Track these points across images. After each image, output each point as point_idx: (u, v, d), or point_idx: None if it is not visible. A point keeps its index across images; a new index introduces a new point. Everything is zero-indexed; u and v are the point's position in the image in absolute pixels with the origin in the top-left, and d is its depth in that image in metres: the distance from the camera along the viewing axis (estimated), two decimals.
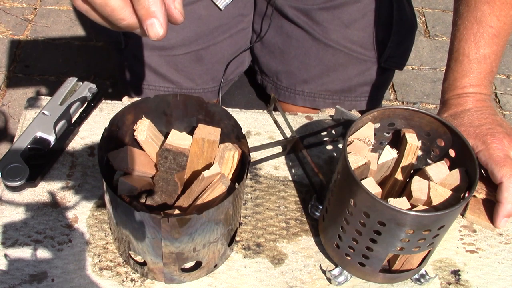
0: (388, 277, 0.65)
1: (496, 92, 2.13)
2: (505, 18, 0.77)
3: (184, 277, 0.63)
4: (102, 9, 0.47)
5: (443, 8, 2.49)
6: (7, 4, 2.29)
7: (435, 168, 0.63)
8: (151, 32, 0.46)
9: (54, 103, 0.78)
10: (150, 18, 0.46)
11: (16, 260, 0.64)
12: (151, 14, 0.46)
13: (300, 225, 0.71)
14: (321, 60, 1.02)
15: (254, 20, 1.05)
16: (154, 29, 0.46)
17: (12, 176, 0.69)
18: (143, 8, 0.46)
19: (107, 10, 0.47)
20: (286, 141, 0.79)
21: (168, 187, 0.63)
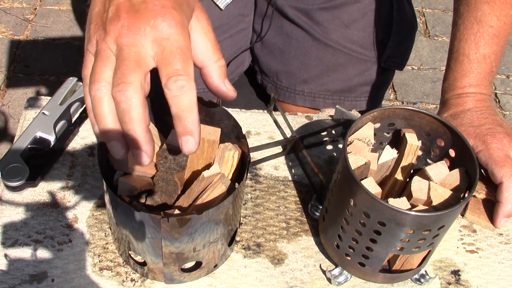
0: (388, 277, 0.65)
1: (496, 92, 2.13)
2: (505, 18, 0.77)
3: (184, 277, 0.63)
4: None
5: (443, 8, 2.49)
6: (7, 4, 2.29)
7: (435, 168, 0.63)
8: (186, 148, 0.49)
9: (54, 103, 0.78)
10: (187, 135, 0.49)
11: (16, 260, 0.64)
12: (189, 132, 0.49)
13: (300, 225, 0.71)
14: (321, 60, 1.02)
15: (254, 20, 1.05)
16: (189, 145, 0.49)
17: (12, 176, 0.69)
18: (182, 126, 0.49)
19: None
20: (286, 141, 0.79)
21: (168, 187, 0.63)
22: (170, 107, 0.48)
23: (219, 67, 0.54)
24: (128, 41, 0.48)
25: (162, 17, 0.48)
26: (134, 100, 0.47)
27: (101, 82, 0.48)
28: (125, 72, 0.47)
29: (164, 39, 0.48)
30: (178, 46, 0.49)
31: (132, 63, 0.48)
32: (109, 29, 0.49)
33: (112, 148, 0.49)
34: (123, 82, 0.47)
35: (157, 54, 0.49)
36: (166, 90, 0.48)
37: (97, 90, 0.48)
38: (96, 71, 0.49)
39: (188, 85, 0.48)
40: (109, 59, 0.49)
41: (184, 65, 0.48)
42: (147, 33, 0.48)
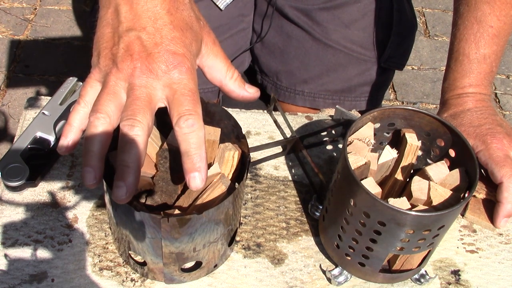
0: (388, 277, 0.65)
1: (496, 92, 2.13)
2: (505, 18, 0.77)
3: (184, 277, 0.63)
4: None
5: (443, 8, 2.49)
6: (7, 4, 2.29)
7: (435, 168, 0.63)
8: (193, 184, 0.51)
9: (54, 103, 0.78)
10: (194, 172, 0.51)
11: (16, 260, 0.64)
12: (196, 169, 0.51)
13: (300, 225, 0.71)
14: (321, 60, 1.02)
15: (254, 20, 1.05)
16: (197, 182, 0.51)
17: (12, 176, 0.69)
18: (191, 162, 0.51)
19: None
20: (286, 141, 0.79)
21: (168, 187, 0.63)
22: (180, 144, 0.51)
23: (236, 80, 0.58)
24: (140, 83, 0.51)
25: (174, 65, 0.52)
26: (139, 137, 0.50)
27: (103, 113, 0.51)
28: (135, 110, 0.50)
29: (176, 84, 0.52)
30: (188, 89, 0.52)
31: (143, 103, 0.51)
32: (121, 67, 0.52)
33: (86, 174, 0.51)
34: (133, 118, 0.50)
35: (168, 97, 0.52)
36: (177, 128, 0.51)
37: (97, 119, 0.51)
38: (101, 102, 0.51)
39: (198, 124, 0.51)
40: (116, 95, 0.52)
41: (194, 105, 0.51)
42: (160, 77, 0.52)
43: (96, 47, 0.55)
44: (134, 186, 0.50)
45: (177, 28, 0.53)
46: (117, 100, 0.52)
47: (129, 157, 0.50)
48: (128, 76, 0.51)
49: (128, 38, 0.52)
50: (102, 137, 0.51)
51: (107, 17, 0.54)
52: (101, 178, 0.52)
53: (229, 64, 0.58)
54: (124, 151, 0.50)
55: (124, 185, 0.49)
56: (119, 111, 0.52)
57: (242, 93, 0.58)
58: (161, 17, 0.53)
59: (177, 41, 0.53)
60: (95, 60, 0.54)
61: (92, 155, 0.51)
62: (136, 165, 0.50)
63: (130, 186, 0.50)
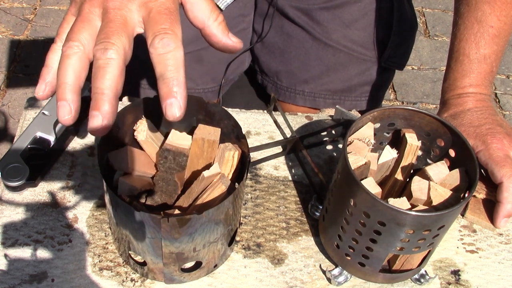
0: (388, 277, 0.65)
1: (496, 92, 2.13)
2: (506, 18, 0.77)
3: (184, 277, 0.63)
4: None
5: (443, 8, 2.49)
6: (7, 4, 2.29)
7: (435, 168, 0.63)
8: (169, 112, 0.45)
9: (54, 103, 0.78)
10: (171, 98, 0.45)
11: (16, 260, 0.64)
12: (173, 95, 0.45)
13: (300, 225, 0.71)
14: (321, 60, 1.02)
15: (254, 20, 1.05)
16: (173, 110, 0.45)
17: (12, 176, 0.69)
18: (166, 86, 0.45)
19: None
20: (286, 141, 0.79)
21: (168, 187, 0.63)
22: (154, 67, 0.46)
23: (220, 24, 0.52)
24: (114, 5, 0.48)
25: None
26: (113, 61, 0.45)
27: (75, 41, 0.47)
28: (109, 33, 0.46)
29: (151, 2, 0.48)
30: (165, 7, 0.48)
31: (118, 25, 0.47)
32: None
33: (61, 108, 0.46)
34: (106, 41, 0.46)
35: (144, 17, 0.48)
36: (152, 49, 0.46)
37: (69, 48, 0.47)
38: (74, 31, 0.47)
39: (175, 43, 0.46)
40: (90, 22, 0.48)
41: (171, 24, 0.47)
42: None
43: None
44: (111, 115, 0.45)
45: None
46: (91, 28, 0.48)
47: (103, 83, 0.45)
48: (102, 1, 0.48)
49: None
50: (76, 67, 0.47)
51: None
52: (77, 112, 0.47)
53: (214, 6, 0.52)
54: (97, 77, 0.45)
55: (100, 114, 0.45)
56: (94, 39, 0.48)
57: (225, 40, 0.52)
58: None
59: None
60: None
61: (66, 88, 0.46)
62: (111, 92, 0.45)
63: (106, 115, 0.45)
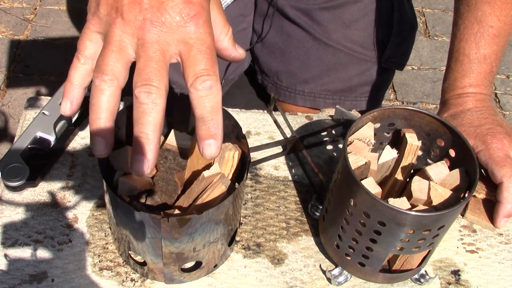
0: (388, 277, 0.65)
1: (496, 92, 2.13)
2: (506, 18, 0.77)
3: (184, 277, 0.63)
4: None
5: (443, 8, 2.49)
6: (7, 4, 2.29)
7: (435, 168, 0.63)
8: (207, 152, 0.47)
9: (54, 103, 0.78)
10: (210, 139, 0.47)
11: (16, 260, 0.64)
12: (212, 136, 0.47)
13: (300, 225, 0.71)
14: (321, 60, 1.02)
15: (254, 20, 1.05)
16: (212, 150, 0.47)
17: (12, 176, 0.69)
18: (206, 128, 0.46)
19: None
20: (286, 141, 0.79)
21: (168, 187, 0.63)
22: (194, 108, 0.46)
23: (230, 38, 0.53)
24: (152, 38, 0.46)
25: (190, 16, 0.46)
26: (157, 106, 0.45)
27: (108, 74, 0.46)
28: (151, 73, 0.45)
29: (192, 38, 0.46)
30: (206, 46, 0.47)
31: (159, 64, 0.46)
32: (128, 18, 0.46)
33: (96, 144, 0.47)
34: (149, 84, 0.45)
35: (183, 53, 0.46)
36: (193, 90, 0.46)
37: (103, 82, 0.46)
38: (106, 62, 0.46)
39: (216, 86, 0.46)
40: (122, 52, 0.46)
41: (212, 65, 0.47)
42: (174, 31, 0.46)
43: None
44: (156, 158, 0.46)
45: None
46: (124, 58, 0.46)
47: (147, 128, 0.45)
48: (136, 29, 0.45)
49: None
50: (111, 103, 0.46)
51: None
52: (112, 146, 0.47)
53: (226, 19, 0.52)
54: (142, 123, 0.45)
55: (145, 159, 0.45)
56: (127, 70, 0.47)
57: (234, 53, 0.54)
58: None
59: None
60: (93, 6, 0.48)
61: (101, 124, 0.46)
62: (156, 136, 0.45)
63: (151, 160, 0.45)
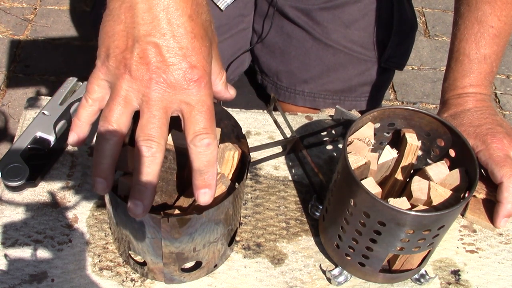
0: (388, 277, 0.65)
1: (496, 92, 2.13)
2: (506, 18, 0.77)
3: (184, 277, 0.63)
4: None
5: (443, 8, 2.49)
6: (7, 4, 2.29)
7: (435, 168, 0.63)
8: (202, 200, 0.53)
9: (54, 103, 0.78)
10: (205, 188, 0.53)
11: (16, 260, 0.64)
12: (207, 186, 0.53)
13: (300, 225, 0.71)
14: (321, 60, 1.02)
15: (254, 20, 1.05)
16: (206, 198, 0.53)
17: (12, 176, 0.69)
18: (202, 180, 0.52)
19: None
20: (286, 141, 0.79)
21: (168, 187, 0.63)
22: (192, 161, 0.52)
23: (223, 82, 0.58)
24: (156, 97, 0.50)
25: (193, 80, 0.50)
26: (156, 159, 0.50)
27: (113, 125, 0.51)
28: (153, 130, 0.50)
29: (193, 100, 0.51)
30: (206, 107, 0.51)
31: (160, 121, 0.50)
32: (135, 75, 0.49)
33: (98, 184, 0.52)
34: (151, 140, 0.50)
35: (185, 112, 0.51)
36: (192, 146, 0.51)
37: (108, 131, 0.51)
38: (113, 113, 0.51)
39: (213, 143, 0.51)
40: (128, 104, 0.50)
41: (210, 124, 0.51)
42: (177, 92, 0.50)
43: (105, 42, 0.51)
44: (151, 204, 0.51)
45: (197, 37, 0.50)
46: (129, 110, 0.51)
47: (146, 178, 0.50)
48: (142, 86, 0.49)
49: (145, 44, 0.49)
50: (113, 150, 0.51)
51: (120, 12, 0.50)
52: (111, 186, 0.53)
53: (221, 65, 0.57)
54: (141, 173, 0.50)
55: (142, 204, 0.51)
56: (130, 120, 0.52)
57: (226, 95, 0.59)
58: (182, 24, 0.50)
59: (197, 52, 0.50)
60: (103, 56, 0.51)
61: (103, 168, 0.51)
62: (153, 186, 0.51)
63: (147, 205, 0.51)
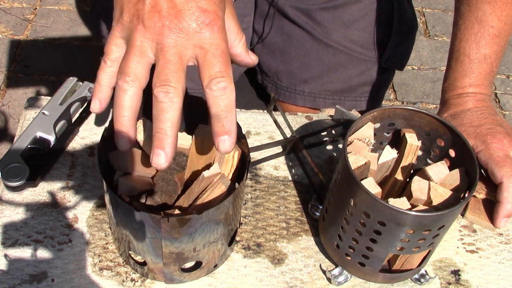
0: (388, 277, 0.65)
1: (496, 92, 2.13)
2: (506, 18, 0.77)
3: (184, 277, 0.63)
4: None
5: (443, 8, 2.49)
6: (7, 4, 2.29)
7: (435, 168, 0.63)
8: (222, 147, 0.51)
9: (54, 103, 0.78)
10: (224, 135, 0.50)
11: (16, 260, 0.64)
12: (227, 132, 0.50)
13: (300, 225, 0.71)
14: (321, 60, 1.02)
15: (254, 20, 1.05)
16: (226, 145, 0.51)
17: (12, 176, 0.69)
18: (221, 125, 0.50)
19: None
20: (286, 141, 0.79)
21: (168, 187, 0.63)
22: (209, 106, 0.50)
23: (243, 45, 0.56)
24: (170, 43, 0.49)
25: (206, 23, 0.49)
26: (174, 104, 0.49)
27: (131, 76, 0.50)
28: (169, 75, 0.49)
29: (207, 44, 0.50)
30: (220, 50, 0.50)
31: (176, 66, 0.49)
32: (148, 25, 0.49)
33: (120, 140, 0.51)
34: (168, 84, 0.49)
35: (200, 57, 0.50)
36: (208, 90, 0.49)
37: (125, 83, 0.50)
38: (129, 64, 0.50)
39: (230, 87, 0.50)
40: (143, 55, 0.50)
41: (225, 67, 0.50)
42: (190, 36, 0.49)
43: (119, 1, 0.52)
44: (173, 153, 0.50)
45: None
46: (145, 61, 0.50)
47: (166, 124, 0.49)
48: (156, 34, 0.49)
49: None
50: (133, 101, 0.50)
51: None
52: (134, 141, 0.52)
53: (239, 27, 0.56)
54: (160, 120, 0.49)
55: (164, 153, 0.49)
56: (147, 72, 0.51)
57: (247, 59, 0.57)
58: None
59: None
60: (117, 14, 0.52)
61: (123, 121, 0.51)
62: (174, 132, 0.49)
63: (169, 154, 0.50)
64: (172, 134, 0.49)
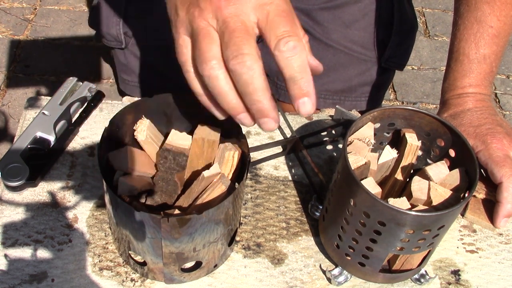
0: (388, 277, 0.65)
1: (496, 92, 2.13)
2: (505, 19, 0.77)
3: (184, 277, 0.63)
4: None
5: (443, 8, 2.49)
6: (7, 4, 2.29)
7: (435, 168, 0.63)
8: (303, 110, 0.49)
9: (54, 103, 0.78)
10: (303, 97, 0.49)
11: (16, 260, 0.64)
12: (305, 94, 0.48)
13: (300, 225, 0.71)
14: (321, 60, 1.01)
15: None
16: (307, 107, 0.49)
17: (12, 176, 0.69)
18: (298, 88, 0.48)
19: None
20: (286, 141, 0.79)
21: (168, 187, 0.63)
22: (282, 70, 0.48)
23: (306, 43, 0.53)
24: (230, 12, 0.47)
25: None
26: (255, 71, 0.47)
27: (212, 60, 0.48)
28: (238, 43, 0.47)
29: (267, 5, 0.48)
30: (282, 9, 0.48)
31: (242, 33, 0.47)
32: (204, 5, 0.48)
33: (243, 120, 0.50)
34: (240, 53, 0.47)
35: (262, 20, 0.48)
36: (277, 52, 0.48)
37: (211, 69, 0.48)
38: (203, 50, 0.48)
39: (300, 45, 0.48)
40: (212, 36, 0.48)
41: (292, 26, 0.48)
42: (248, 1, 0.48)
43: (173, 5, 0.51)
44: (276, 113, 0.49)
45: None
46: (215, 41, 0.48)
47: (257, 95, 0.48)
48: (214, 11, 0.48)
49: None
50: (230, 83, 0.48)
51: None
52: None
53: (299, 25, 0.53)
54: (249, 92, 0.48)
55: (270, 119, 0.49)
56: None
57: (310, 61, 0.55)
58: None
59: None
60: (173, 14, 0.51)
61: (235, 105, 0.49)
62: (267, 97, 0.48)
63: (275, 116, 0.49)
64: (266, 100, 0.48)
